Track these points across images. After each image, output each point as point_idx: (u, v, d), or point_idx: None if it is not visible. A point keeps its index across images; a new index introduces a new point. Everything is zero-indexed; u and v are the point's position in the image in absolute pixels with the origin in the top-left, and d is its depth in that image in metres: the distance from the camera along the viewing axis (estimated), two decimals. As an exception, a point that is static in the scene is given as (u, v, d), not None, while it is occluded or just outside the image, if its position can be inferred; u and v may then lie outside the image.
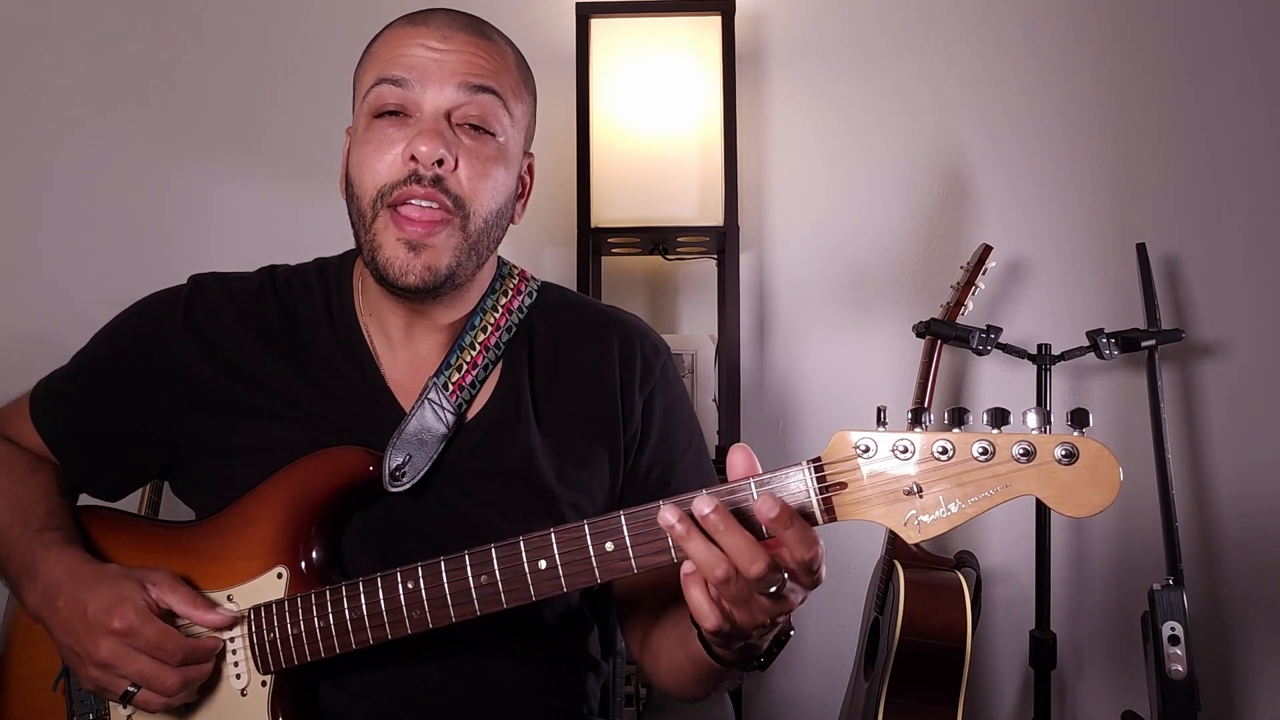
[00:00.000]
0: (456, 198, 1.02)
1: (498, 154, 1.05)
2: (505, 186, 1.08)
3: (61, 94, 2.34)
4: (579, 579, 0.89)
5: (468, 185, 1.03)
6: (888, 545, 2.01)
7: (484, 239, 1.06)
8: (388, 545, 1.05)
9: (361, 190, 1.04)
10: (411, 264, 1.02)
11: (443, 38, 1.04)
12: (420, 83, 1.02)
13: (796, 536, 0.81)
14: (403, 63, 1.03)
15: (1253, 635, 2.22)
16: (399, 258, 1.02)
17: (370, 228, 1.04)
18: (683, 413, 1.20)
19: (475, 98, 1.03)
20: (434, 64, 1.03)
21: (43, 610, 1.03)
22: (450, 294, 1.09)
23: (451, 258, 1.03)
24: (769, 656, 0.95)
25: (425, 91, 1.02)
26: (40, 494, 1.12)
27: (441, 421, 1.07)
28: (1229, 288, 2.24)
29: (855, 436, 0.82)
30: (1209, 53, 2.26)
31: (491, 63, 1.06)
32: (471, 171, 1.03)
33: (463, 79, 1.03)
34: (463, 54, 1.04)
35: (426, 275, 1.02)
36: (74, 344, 1.19)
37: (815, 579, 0.84)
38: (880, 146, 2.29)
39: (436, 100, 1.02)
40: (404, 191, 1.01)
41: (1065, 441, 0.78)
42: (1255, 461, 2.22)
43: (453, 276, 1.04)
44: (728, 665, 0.94)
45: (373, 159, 1.03)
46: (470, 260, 1.06)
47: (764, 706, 2.29)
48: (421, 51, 1.03)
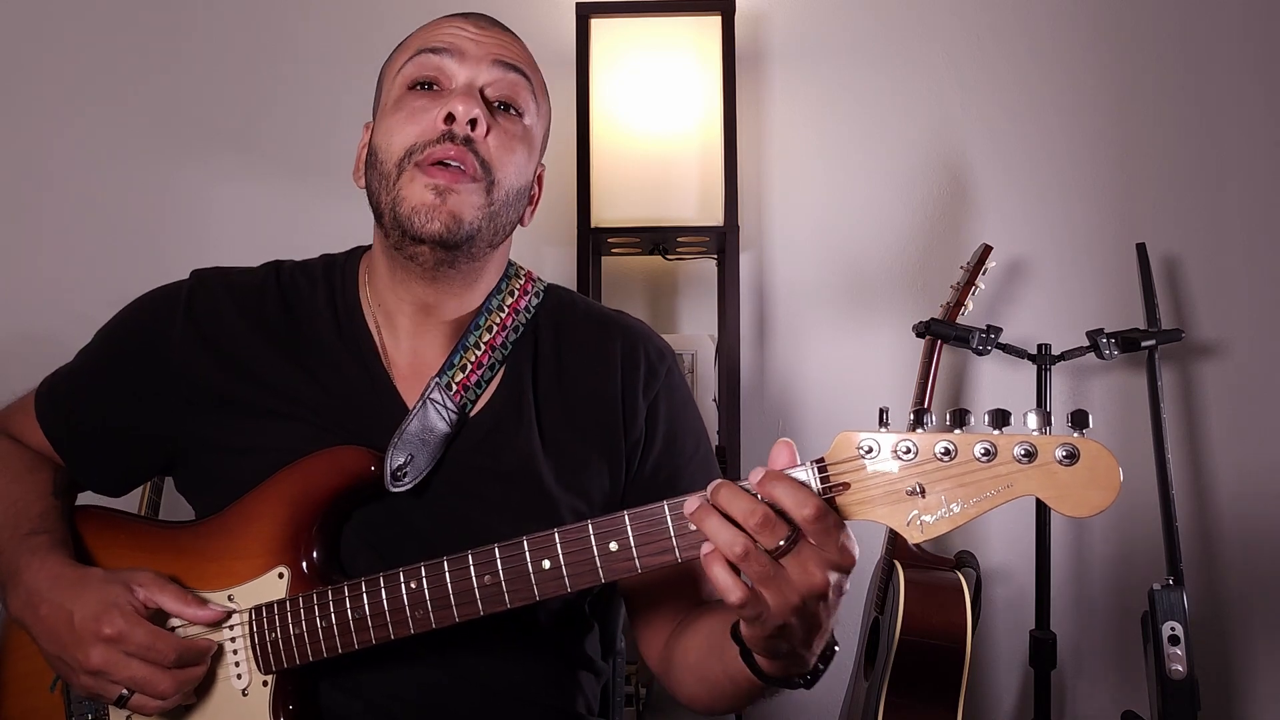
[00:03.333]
0: (484, 161, 1.04)
1: (523, 135, 1.09)
2: (525, 171, 1.10)
3: (61, 93, 2.33)
4: (583, 579, 0.89)
5: (496, 154, 1.05)
6: (888, 545, 2.01)
7: (503, 213, 1.08)
8: (388, 545, 1.05)
9: (388, 154, 1.05)
10: (437, 209, 1.02)
11: (479, 26, 1.11)
12: (458, 56, 1.07)
13: (785, 492, 0.80)
14: (442, 38, 1.08)
15: (1253, 635, 2.22)
16: (425, 202, 1.02)
17: (395, 185, 1.04)
18: (688, 418, 1.19)
19: (507, 75, 1.08)
20: (471, 43, 1.08)
21: (25, 617, 1.02)
22: (462, 273, 1.09)
23: (474, 215, 1.04)
24: (815, 674, 0.92)
25: (461, 66, 1.07)
26: (35, 495, 1.12)
27: (444, 421, 1.06)
28: (1229, 288, 2.25)
29: (858, 437, 0.82)
30: (1209, 53, 2.27)
31: (523, 55, 1.13)
32: (499, 143, 1.06)
33: (497, 57, 1.08)
34: (497, 40, 1.10)
35: (450, 223, 1.02)
36: (74, 344, 1.19)
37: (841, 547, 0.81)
38: (880, 146, 2.30)
39: (472, 74, 1.07)
40: (435, 150, 1.03)
41: (1066, 442, 0.78)
42: (1255, 461, 2.22)
43: (472, 239, 1.05)
44: (771, 682, 0.92)
45: (404, 124, 1.05)
46: (489, 228, 1.06)
47: (764, 706, 2.29)
48: (459, 32, 1.09)
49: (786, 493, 0.80)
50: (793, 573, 0.81)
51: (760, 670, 0.91)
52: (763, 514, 0.80)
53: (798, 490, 0.81)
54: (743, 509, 0.81)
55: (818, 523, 0.80)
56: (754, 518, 0.80)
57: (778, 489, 0.81)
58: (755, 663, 0.91)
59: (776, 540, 0.80)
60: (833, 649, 0.92)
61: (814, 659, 0.90)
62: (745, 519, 0.80)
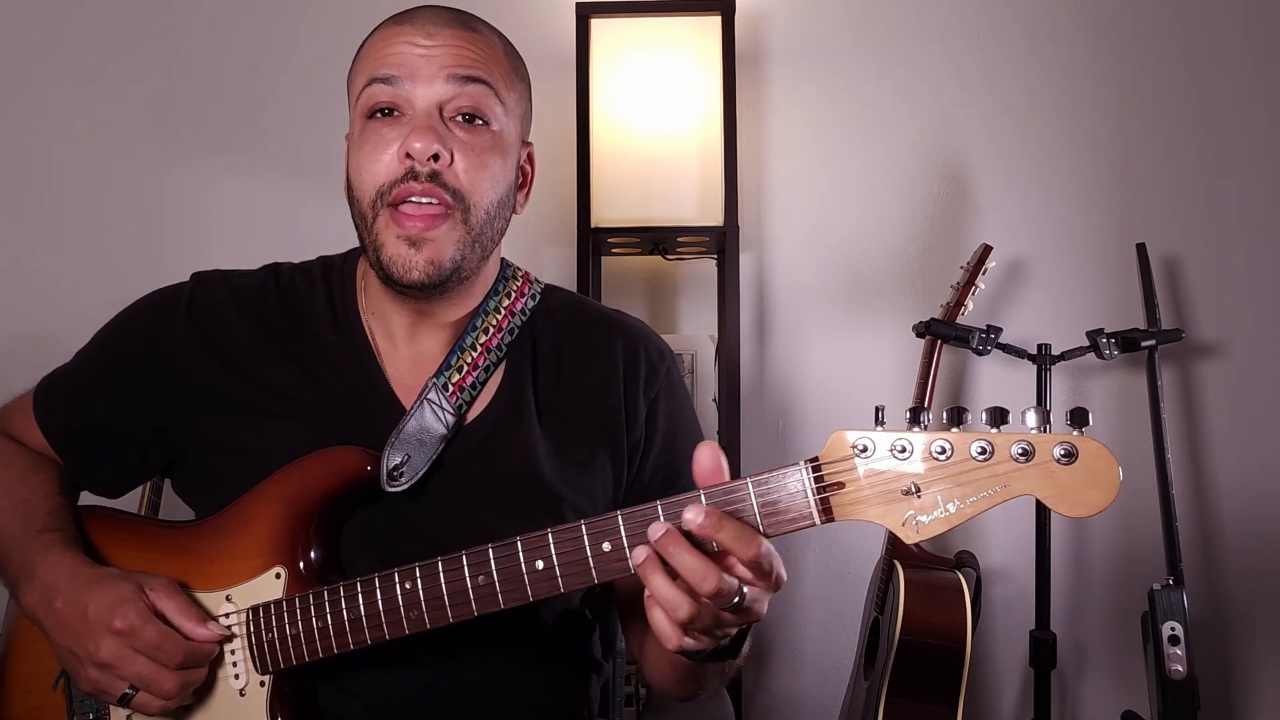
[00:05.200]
0: (455, 191, 1.03)
1: (493, 144, 1.06)
2: (504, 177, 1.08)
3: (61, 94, 2.34)
4: (576, 579, 0.89)
5: (465, 178, 1.03)
6: (888, 545, 2.01)
7: (487, 230, 1.07)
8: (386, 545, 1.05)
9: (361, 192, 1.05)
10: (414, 260, 1.02)
11: (428, 34, 1.05)
12: (410, 79, 1.03)
13: (732, 536, 0.80)
14: (391, 61, 1.04)
15: (1253, 635, 2.22)
16: (401, 255, 1.02)
17: (372, 228, 1.04)
18: (687, 418, 1.20)
19: (465, 89, 1.04)
20: (421, 60, 1.03)
21: (39, 611, 1.03)
22: (456, 289, 1.09)
23: (454, 250, 1.03)
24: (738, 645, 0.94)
25: (415, 88, 1.03)
26: (41, 494, 1.12)
27: (441, 422, 1.07)
28: (1229, 288, 2.24)
29: (853, 436, 0.82)
30: (1209, 53, 2.26)
31: (479, 53, 1.06)
32: (468, 164, 1.03)
33: (451, 71, 1.03)
34: (449, 47, 1.04)
35: (430, 270, 1.02)
36: (74, 344, 1.19)
37: (773, 580, 0.84)
38: (880, 146, 2.29)
39: (427, 95, 1.03)
40: (402, 190, 1.02)
41: (1064, 441, 0.77)
42: (1255, 461, 2.22)
43: (458, 270, 1.05)
44: (699, 661, 0.94)
45: (369, 160, 1.04)
46: (474, 253, 1.06)
47: (764, 706, 2.29)
48: (408, 49, 1.04)
49: (733, 538, 0.80)
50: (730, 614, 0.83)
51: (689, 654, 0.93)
52: (715, 582, 0.80)
53: (743, 531, 0.81)
54: (695, 573, 0.80)
55: (760, 561, 0.81)
56: (707, 584, 0.80)
57: (725, 534, 0.80)
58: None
59: (729, 601, 0.81)
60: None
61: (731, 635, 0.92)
62: (698, 584, 0.80)
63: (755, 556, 0.81)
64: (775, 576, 0.84)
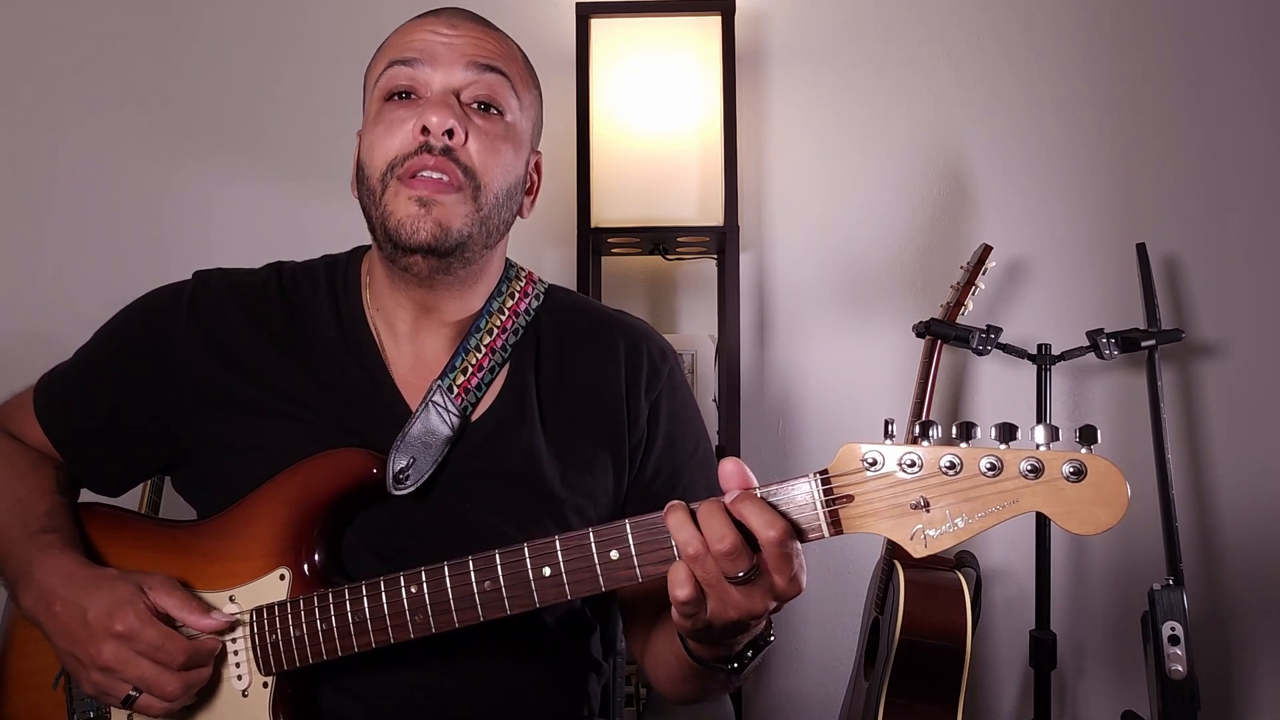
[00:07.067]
0: (467, 168, 1.04)
1: (506, 133, 1.08)
2: (514, 168, 1.09)
3: (62, 94, 2.33)
4: (583, 586, 0.89)
5: (478, 158, 1.05)
6: (888, 545, 2.01)
7: (495, 215, 1.07)
8: (390, 548, 1.05)
9: (372, 168, 1.06)
10: (423, 220, 1.02)
11: (451, 25, 1.08)
12: (430, 63, 1.06)
13: (754, 511, 0.81)
14: (413, 46, 1.07)
15: (1253, 635, 2.22)
16: (411, 214, 1.02)
17: (381, 200, 1.05)
18: (689, 418, 1.20)
19: (483, 76, 1.06)
20: (443, 46, 1.06)
21: (39, 614, 1.02)
22: (459, 278, 1.09)
23: (462, 223, 1.04)
24: (743, 661, 0.94)
25: (435, 72, 1.06)
26: (40, 493, 1.12)
27: (446, 424, 1.06)
28: (1229, 288, 2.25)
29: (863, 449, 0.82)
30: (1209, 53, 2.26)
31: (499, 49, 1.09)
32: (481, 146, 1.05)
33: (471, 59, 1.06)
34: (470, 38, 1.08)
35: (437, 232, 1.02)
36: (74, 344, 1.19)
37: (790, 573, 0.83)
38: (880, 146, 2.29)
39: (446, 80, 1.05)
40: (415, 162, 1.03)
41: (1073, 459, 0.77)
42: (1255, 462, 2.22)
43: (463, 245, 1.05)
44: (703, 664, 0.94)
45: (384, 137, 1.05)
46: (481, 233, 1.06)
47: (764, 706, 2.29)
48: (431, 36, 1.07)
49: (755, 512, 0.81)
50: (738, 593, 0.83)
51: (694, 653, 0.94)
52: (731, 542, 0.80)
53: (765, 511, 0.81)
54: (714, 531, 0.81)
55: (780, 546, 0.81)
56: (722, 544, 0.81)
57: (747, 508, 0.81)
58: (690, 648, 0.94)
59: (736, 571, 0.81)
60: (767, 640, 0.94)
61: (740, 647, 0.93)
62: (714, 542, 0.81)
63: (777, 537, 0.81)
64: (794, 575, 0.83)
